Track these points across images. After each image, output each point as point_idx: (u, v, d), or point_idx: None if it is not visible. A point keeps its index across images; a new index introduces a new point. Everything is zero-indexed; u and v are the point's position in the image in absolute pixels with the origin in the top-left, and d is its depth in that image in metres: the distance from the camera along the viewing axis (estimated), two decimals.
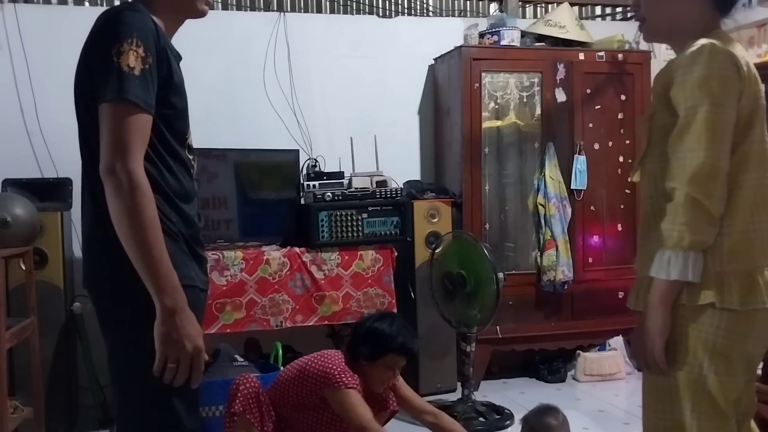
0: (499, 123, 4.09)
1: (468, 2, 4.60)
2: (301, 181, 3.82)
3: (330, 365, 2.54)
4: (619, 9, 4.82)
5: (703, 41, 1.55)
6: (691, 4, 1.63)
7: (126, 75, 1.49)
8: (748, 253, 1.55)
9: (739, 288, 1.54)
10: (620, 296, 4.14)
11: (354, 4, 4.36)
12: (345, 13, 4.34)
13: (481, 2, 4.60)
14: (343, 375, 2.50)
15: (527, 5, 4.70)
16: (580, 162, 4.09)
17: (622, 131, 4.21)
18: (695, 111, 1.50)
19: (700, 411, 1.58)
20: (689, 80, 1.52)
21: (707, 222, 1.50)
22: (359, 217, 3.65)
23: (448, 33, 4.32)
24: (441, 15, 4.53)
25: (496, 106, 4.08)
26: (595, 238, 4.18)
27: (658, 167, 1.62)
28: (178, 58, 1.69)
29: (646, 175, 1.70)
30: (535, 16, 4.69)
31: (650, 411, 1.70)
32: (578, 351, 4.18)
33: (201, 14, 1.75)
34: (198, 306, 1.67)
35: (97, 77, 1.53)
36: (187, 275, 1.62)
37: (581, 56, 4.13)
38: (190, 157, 1.73)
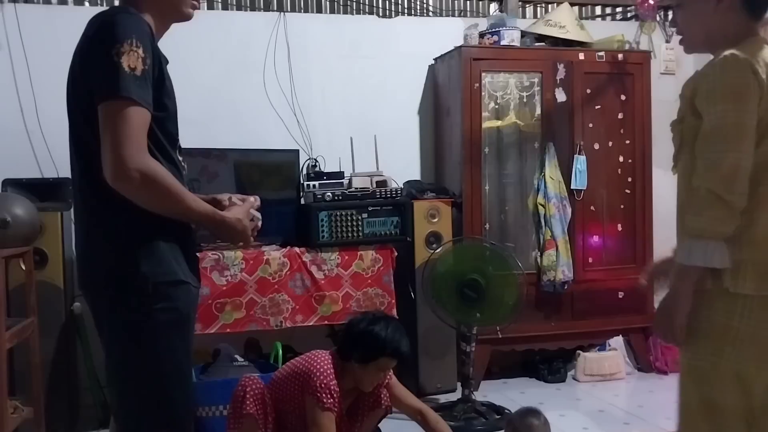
0: (499, 123, 4.09)
1: (468, 2, 4.59)
2: (301, 181, 3.82)
3: (316, 371, 2.54)
4: (619, 9, 4.82)
5: (726, 52, 1.66)
6: (725, 15, 1.75)
7: (127, 75, 1.52)
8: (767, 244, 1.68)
9: (755, 274, 1.65)
10: (620, 296, 4.14)
11: (354, 4, 4.36)
12: (345, 13, 4.34)
13: (481, 2, 4.60)
14: (324, 393, 2.50)
15: (527, 5, 4.70)
16: (580, 162, 4.09)
17: (622, 131, 4.21)
18: (718, 116, 1.63)
19: (725, 394, 1.68)
20: (712, 88, 1.66)
21: (728, 215, 1.62)
22: (359, 217, 3.64)
23: (448, 33, 4.32)
24: (441, 15, 4.52)
25: (496, 106, 4.08)
26: (595, 238, 4.18)
27: (686, 165, 1.75)
28: (166, 61, 1.72)
29: (679, 172, 1.82)
30: (535, 16, 4.69)
31: (684, 391, 1.78)
32: (578, 351, 4.18)
33: (187, 18, 1.78)
34: (192, 303, 1.73)
35: (97, 78, 1.55)
36: (179, 272, 1.66)
37: (581, 56, 4.13)
38: (180, 158, 1.76)
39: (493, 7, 4.58)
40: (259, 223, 1.84)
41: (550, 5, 4.63)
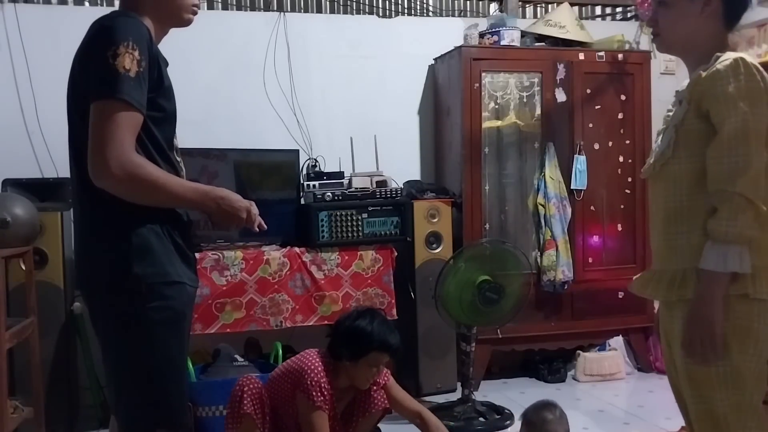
0: (499, 123, 4.09)
1: (468, 2, 4.59)
2: (301, 181, 3.82)
3: (307, 369, 2.55)
4: (619, 9, 4.82)
5: (734, 55, 1.67)
6: (707, 24, 1.77)
7: (122, 76, 1.54)
8: None
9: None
10: (620, 296, 4.14)
11: (354, 4, 4.36)
12: (345, 13, 4.34)
13: (481, 2, 4.60)
14: (314, 390, 2.50)
15: (527, 5, 4.70)
16: (580, 162, 4.09)
17: (622, 131, 4.21)
18: (739, 119, 1.61)
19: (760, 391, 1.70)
20: (730, 91, 1.63)
21: (756, 219, 1.61)
22: (359, 217, 3.64)
23: (448, 33, 4.32)
24: (441, 15, 4.52)
25: (496, 106, 4.08)
26: (595, 238, 4.18)
27: (684, 168, 1.72)
28: (166, 63, 1.74)
29: (667, 177, 1.77)
30: (535, 16, 4.69)
31: (715, 397, 1.72)
32: (578, 351, 4.18)
33: (186, 23, 1.82)
34: (187, 301, 1.75)
35: (93, 78, 1.58)
36: (172, 272, 1.68)
37: (581, 56, 4.13)
38: (178, 159, 1.78)
39: (493, 7, 4.58)
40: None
41: (550, 5, 4.63)
